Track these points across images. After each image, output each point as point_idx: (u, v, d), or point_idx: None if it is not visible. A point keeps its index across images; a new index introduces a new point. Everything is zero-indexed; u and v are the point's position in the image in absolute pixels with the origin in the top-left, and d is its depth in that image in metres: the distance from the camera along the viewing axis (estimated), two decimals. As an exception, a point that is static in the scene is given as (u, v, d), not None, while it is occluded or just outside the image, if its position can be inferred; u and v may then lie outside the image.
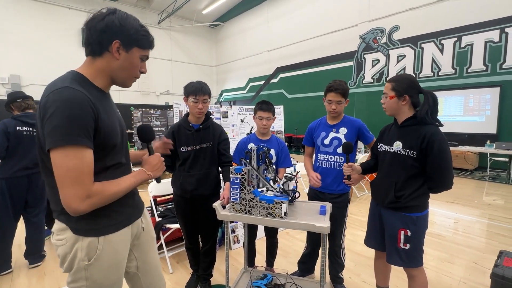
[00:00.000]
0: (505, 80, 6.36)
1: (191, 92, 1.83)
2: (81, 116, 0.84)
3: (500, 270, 1.80)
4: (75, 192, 0.83)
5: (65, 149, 0.82)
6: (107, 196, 0.91)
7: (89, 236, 0.95)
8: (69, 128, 0.82)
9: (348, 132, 1.96)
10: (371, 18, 8.65)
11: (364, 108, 8.95)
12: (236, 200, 1.52)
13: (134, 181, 1.02)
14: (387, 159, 1.65)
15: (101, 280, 0.99)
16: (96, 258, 0.96)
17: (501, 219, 3.74)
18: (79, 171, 0.84)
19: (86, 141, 0.85)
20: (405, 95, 1.54)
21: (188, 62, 14.85)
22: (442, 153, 1.44)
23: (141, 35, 0.97)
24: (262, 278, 1.90)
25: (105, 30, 0.91)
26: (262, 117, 2.08)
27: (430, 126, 1.49)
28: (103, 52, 0.94)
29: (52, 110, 0.82)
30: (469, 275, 2.40)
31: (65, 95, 0.83)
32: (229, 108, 3.88)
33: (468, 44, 6.85)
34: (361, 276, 2.41)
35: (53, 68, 10.55)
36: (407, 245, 1.56)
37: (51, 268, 2.56)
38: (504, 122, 6.46)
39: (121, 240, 1.04)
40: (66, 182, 0.83)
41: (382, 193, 1.66)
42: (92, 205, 0.87)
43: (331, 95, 1.91)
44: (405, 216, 1.56)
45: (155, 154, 1.15)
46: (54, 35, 10.63)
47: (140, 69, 1.04)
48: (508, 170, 5.94)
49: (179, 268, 2.54)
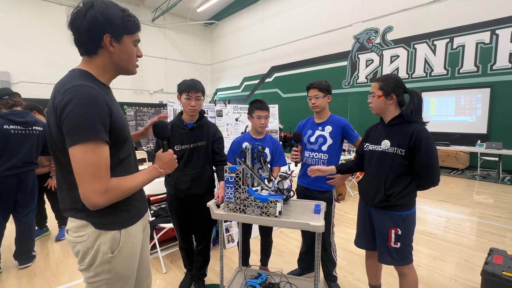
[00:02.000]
0: (495, 81, 6.48)
1: (184, 89, 1.82)
2: (98, 112, 0.87)
3: (490, 267, 1.83)
4: (94, 186, 0.86)
5: (84, 145, 0.84)
6: (124, 191, 0.94)
7: (112, 229, 0.98)
8: (88, 125, 0.84)
9: (333, 130, 2.01)
10: (365, 18, 8.72)
11: (358, 107, 9.02)
12: (231, 199, 1.51)
13: (148, 177, 1.05)
14: (375, 158, 1.66)
15: (122, 271, 1.03)
16: (119, 250, 1.00)
17: (491, 217, 3.82)
18: (97, 166, 0.86)
19: (104, 136, 0.88)
20: (392, 94, 1.56)
21: (182, 61, 14.74)
22: (428, 150, 1.47)
23: (126, 20, 0.96)
24: (256, 277, 1.89)
25: (91, 28, 0.90)
26: (261, 116, 2.08)
27: (417, 124, 1.52)
28: (98, 49, 0.94)
29: (70, 108, 0.83)
30: (460, 273, 2.44)
31: (82, 93, 0.85)
32: (223, 107, 3.86)
33: (460, 45, 6.96)
34: (355, 274, 2.43)
35: (44, 65, 10.38)
36: (398, 243, 1.58)
37: (41, 269, 2.51)
38: (494, 122, 6.59)
39: (137, 232, 1.10)
40: (86, 177, 0.85)
41: (371, 192, 1.67)
42: (110, 199, 0.90)
43: (310, 92, 2.05)
44: (395, 215, 1.58)
45: (168, 151, 1.16)
46: (45, 32, 10.43)
47: (136, 53, 1.03)
48: (497, 169, 6.06)
49: (172, 268, 2.52)
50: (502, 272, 1.76)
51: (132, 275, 1.09)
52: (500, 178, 5.99)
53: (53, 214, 3.24)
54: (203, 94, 1.89)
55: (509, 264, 1.84)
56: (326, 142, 2.02)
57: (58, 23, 10.67)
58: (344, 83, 9.47)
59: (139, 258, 1.22)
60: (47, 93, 10.79)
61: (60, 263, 2.62)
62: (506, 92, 6.34)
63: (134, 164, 1.12)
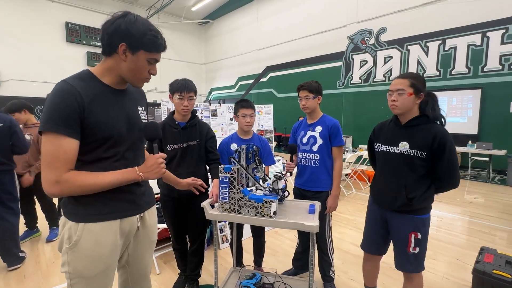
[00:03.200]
0: (486, 83, 6.59)
1: (176, 89, 1.81)
2: (61, 106, 0.91)
3: (481, 266, 1.86)
4: (47, 175, 0.91)
5: (46, 134, 0.91)
6: (78, 186, 0.94)
7: (71, 220, 1.01)
8: (49, 116, 0.90)
9: (323, 130, 2.02)
10: (359, 19, 8.78)
11: (352, 108, 9.09)
12: (225, 199, 1.50)
13: (119, 178, 1.02)
14: (391, 161, 1.58)
15: (82, 269, 1.01)
16: (75, 244, 0.99)
17: (482, 216, 3.88)
18: (53, 156, 0.91)
19: (64, 130, 0.91)
20: (421, 93, 1.50)
21: (177, 60, 14.63)
22: (452, 156, 1.44)
23: (148, 38, 1.00)
24: (251, 278, 1.89)
25: (113, 33, 0.97)
26: (246, 114, 2.08)
27: (439, 126, 1.47)
28: (112, 53, 1.01)
29: (46, 101, 0.95)
30: (451, 271, 2.47)
31: (56, 88, 0.94)
32: (218, 106, 3.84)
33: (452, 47, 7.06)
34: (349, 273, 2.44)
35: (35, 63, 10.18)
36: (417, 248, 1.54)
37: (32, 271, 2.46)
38: (484, 123, 6.71)
39: (105, 232, 1.03)
40: (43, 165, 0.92)
41: (389, 197, 1.59)
42: (61, 191, 0.93)
43: (300, 93, 2.05)
44: (416, 219, 1.53)
45: (154, 155, 1.10)
46: (36, 30, 10.22)
47: (150, 71, 1.07)
48: (488, 169, 6.18)
49: (166, 269, 2.50)
50: (492, 271, 1.79)
51: (96, 278, 1.03)
52: (490, 178, 6.10)
53: (43, 215, 3.18)
54: (195, 94, 1.88)
55: (500, 262, 1.87)
56: (316, 142, 2.03)
57: (49, 20, 10.49)
58: (338, 83, 9.53)
59: (136, 262, 1.21)
60: (37, 91, 10.56)
61: (51, 265, 2.57)
62: (496, 94, 6.46)
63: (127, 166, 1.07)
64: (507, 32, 6.23)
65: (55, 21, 10.61)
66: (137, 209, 1.14)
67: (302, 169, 2.11)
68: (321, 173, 2.03)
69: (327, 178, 2.03)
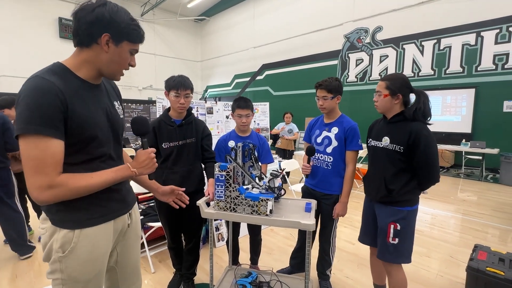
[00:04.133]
0: (480, 82, 6.66)
1: (172, 86, 1.77)
2: (44, 105, 0.82)
3: (475, 263, 1.87)
4: (36, 181, 0.83)
5: (26, 138, 0.82)
6: (73, 189, 0.89)
7: (64, 228, 0.94)
8: (30, 117, 0.81)
9: (339, 132, 1.93)
10: (355, 18, 8.79)
11: (348, 106, 9.11)
12: (221, 197, 1.49)
13: (113, 176, 0.98)
14: (377, 155, 1.69)
15: (77, 274, 0.97)
16: (71, 251, 0.94)
17: (475, 214, 3.93)
18: (40, 160, 0.83)
19: (49, 131, 0.83)
20: (399, 94, 1.57)
21: (172, 57, 14.50)
22: (428, 148, 1.48)
23: (132, 29, 0.96)
24: (246, 276, 1.88)
25: (95, 22, 0.89)
26: (241, 115, 2.04)
27: (417, 123, 1.53)
28: (92, 44, 0.93)
29: (19, 99, 0.83)
30: (445, 268, 2.50)
31: (31, 85, 0.83)
32: (214, 104, 3.82)
33: (447, 46, 7.11)
34: (344, 271, 2.45)
35: (27, 58, 9.98)
36: (396, 239, 1.59)
37: (24, 270, 2.42)
38: (478, 122, 6.78)
39: (101, 235, 1.01)
40: (29, 172, 0.83)
41: (374, 188, 1.69)
42: (55, 196, 0.86)
43: (318, 92, 1.94)
44: (396, 210, 1.59)
45: (146, 150, 1.08)
46: (28, 24, 10.01)
47: (130, 63, 1.02)
48: (481, 167, 6.26)
49: (161, 268, 2.48)
50: (486, 268, 1.81)
51: (92, 280, 1.01)
52: (483, 176, 6.18)
53: (35, 213, 3.13)
54: (192, 91, 1.85)
55: (493, 260, 1.89)
56: (331, 144, 1.94)
57: (42, 15, 10.30)
58: (334, 82, 9.53)
59: (125, 260, 1.18)
60: (30, 87, 10.42)
61: (43, 264, 2.53)
62: (490, 93, 6.54)
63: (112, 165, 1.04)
64: (501, 32, 6.30)
65: (48, 17, 10.42)
66: (126, 207, 1.13)
67: (314, 170, 2.03)
68: (333, 176, 1.96)
69: (339, 182, 1.97)
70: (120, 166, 1.03)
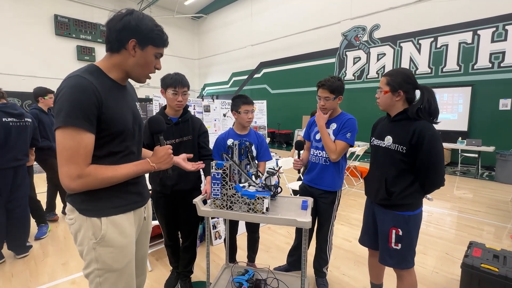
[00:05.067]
0: (476, 80, 6.70)
1: (169, 84, 1.76)
2: (82, 101, 0.91)
3: (469, 260, 1.89)
4: (68, 170, 0.91)
5: (64, 130, 0.90)
6: (100, 179, 0.96)
7: (91, 216, 1.01)
8: (69, 111, 0.89)
9: (337, 127, 1.93)
10: (353, 16, 8.79)
11: (345, 104, 9.11)
12: (217, 195, 1.49)
13: (135, 169, 1.06)
14: (379, 154, 1.61)
15: (111, 262, 1.04)
16: (102, 238, 1.01)
17: (470, 211, 3.96)
18: (74, 151, 0.91)
19: (85, 125, 0.92)
20: (400, 90, 1.48)
21: (169, 55, 14.43)
22: (432, 149, 1.39)
23: (156, 34, 1.04)
24: (243, 274, 1.88)
25: (122, 29, 0.99)
26: (248, 110, 2.04)
27: (422, 121, 1.43)
28: (121, 49, 1.02)
29: (60, 95, 0.92)
30: (441, 265, 2.52)
31: (72, 82, 0.93)
32: (211, 102, 3.80)
33: (444, 45, 7.14)
34: (341, 269, 2.46)
35: (22, 57, 9.90)
36: (399, 245, 1.53)
37: (19, 269, 2.41)
38: (474, 120, 6.83)
39: (126, 224, 1.08)
40: (62, 160, 0.91)
41: (374, 189, 1.63)
42: (83, 185, 0.94)
43: (319, 91, 1.91)
44: (397, 215, 1.52)
45: (164, 146, 1.17)
46: (24, 22, 9.91)
47: (155, 66, 1.11)
48: (477, 165, 6.30)
49: (158, 266, 2.48)
50: (480, 265, 1.82)
51: (125, 269, 1.08)
52: (479, 174, 6.23)
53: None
54: (189, 89, 1.85)
55: (488, 256, 1.91)
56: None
57: (37, 12, 10.19)
58: (332, 80, 9.54)
59: (136, 253, 1.21)
60: (25, 86, 10.29)
61: (39, 263, 2.52)
62: (486, 91, 6.58)
63: (133, 159, 1.12)
64: (497, 30, 6.33)
65: (43, 14, 10.31)
66: (143, 200, 1.20)
67: (312, 166, 2.05)
68: (331, 172, 1.95)
69: (337, 179, 1.97)
70: (141, 161, 1.11)
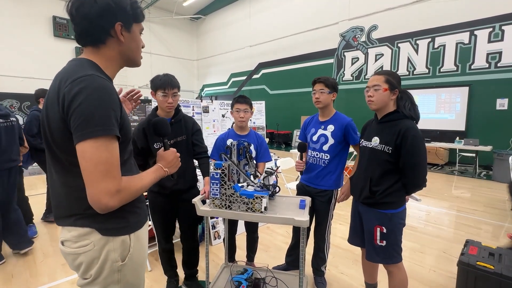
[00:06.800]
0: (473, 80, 6.74)
1: (159, 86, 1.75)
2: (112, 105, 0.79)
3: (465, 258, 1.91)
4: (106, 186, 0.76)
5: (97, 140, 0.75)
6: (134, 191, 0.86)
7: (121, 234, 0.90)
8: (102, 118, 0.76)
9: (335, 129, 1.96)
10: (351, 16, 8.83)
11: (344, 105, 9.16)
12: (216, 195, 1.50)
13: (154, 177, 0.99)
14: (365, 155, 1.66)
15: (133, 280, 0.96)
16: (130, 257, 0.92)
17: (468, 210, 3.99)
18: (110, 164, 0.77)
19: (117, 131, 0.80)
20: (397, 89, 1.53)
21: (168, 56, 14.45)
22: (415, 148, 1.43)
23: (135, 8, 0.90)
24: (242, 273, 1.90)
25: (103, 14, 0.82)
26: (239, 109, 2.05)
27: (407, 121, 1.48)
28: (106, 39, 0.86)
29: (81, 99, 0.74)
30: (438, 264, 2.54)
31: (95, 83, 0.77)
32: (210, 103, 3.82)
33: (441, 45, 7.18)
34: (339, 267, 2.48)
35: (19, 57, 9.89)
36: (384, 241, 1.58)
37: (19, 270, 2.42)
38: (471, 119, 6.87)
39: (145, 235, 1.03)
40: (97, 177, 0.75)
41: (358, 188, 1.68)
42: (121, 201, 0.81)
43: (315, 86, 1.98)
44: (380, 213, 1.58)
45: (171, 150, 1.11)
46: (22, 23, 9.91)
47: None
48: (474, 165, 6.34)
49: (158, 266, 2.48)
50: (476, 262, 1.84)
51: (141, 283, 1.02)
52: (476, 173, 6.26)
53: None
54: (179, 89, 1.83)
55: (483, 254, 1.93)
56: (328, 142, 1.97)
57: (35, 14, 10.19)
58: (330, 80, 9.58)
59: None
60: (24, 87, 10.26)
61: (39, 263, 2.53)
62: (483, 91, 6.62)
63: (134, 164, 1.06)
64: (494, 30, 6.37)
65: (41, 15, 10.31)
66: (146, 207, 1.18)
67: (310, 167, 2.07)
68: (329, 173, 1.99)
69: (335, 178, 2.01)
70: (155, 167, 1.03)
